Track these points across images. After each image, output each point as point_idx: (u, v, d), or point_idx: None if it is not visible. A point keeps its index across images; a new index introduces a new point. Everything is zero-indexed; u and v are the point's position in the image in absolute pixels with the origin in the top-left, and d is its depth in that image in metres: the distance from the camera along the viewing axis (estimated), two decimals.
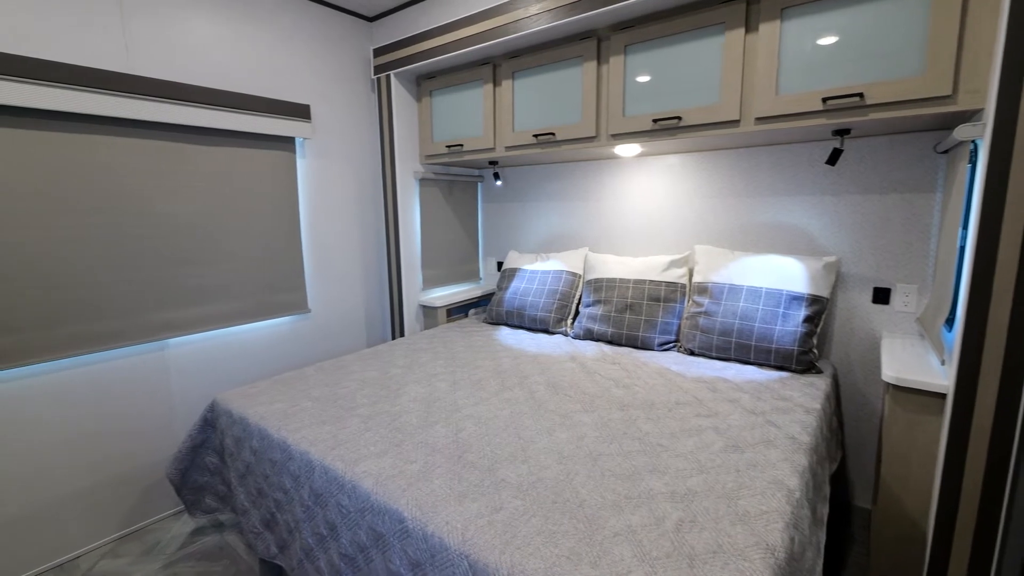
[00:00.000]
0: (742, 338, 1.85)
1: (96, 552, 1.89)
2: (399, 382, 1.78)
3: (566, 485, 1.13)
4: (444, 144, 2.56)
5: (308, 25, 2.45)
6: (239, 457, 1.57)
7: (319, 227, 2.59)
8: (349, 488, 1.19)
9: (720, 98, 1.73)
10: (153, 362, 2.04)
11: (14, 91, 1.59)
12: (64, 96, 1.69)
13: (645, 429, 1.40)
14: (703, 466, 1.20)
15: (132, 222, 1.92)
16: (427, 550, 1.00)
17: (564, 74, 2.10)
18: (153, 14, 1.94)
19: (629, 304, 2.15)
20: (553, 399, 1.61)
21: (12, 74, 1.58)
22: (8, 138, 1.63)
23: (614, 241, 2.56)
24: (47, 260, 1.73)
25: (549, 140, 2.17)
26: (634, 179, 2.45)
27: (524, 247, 2.95)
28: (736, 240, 2.19)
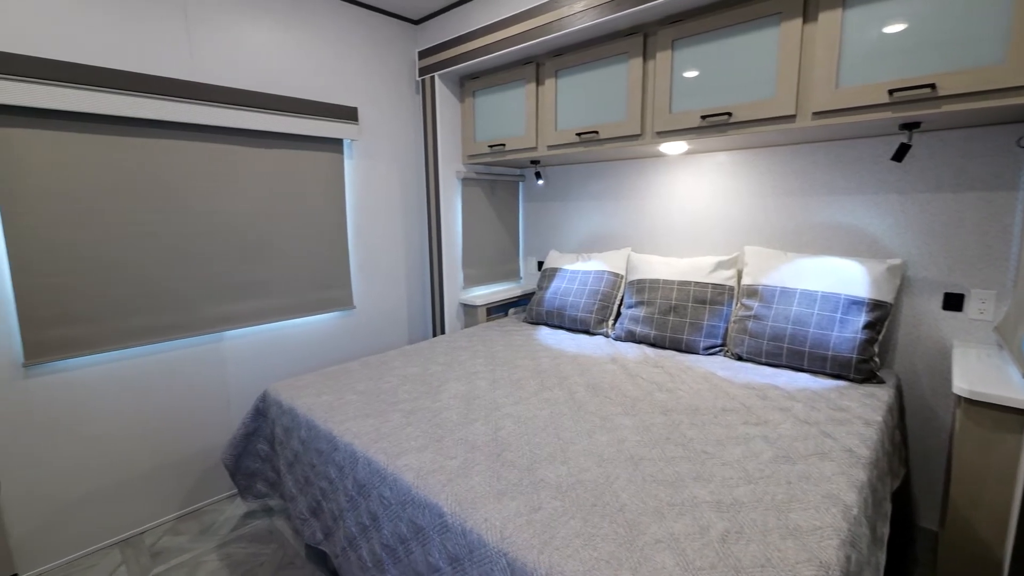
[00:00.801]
0: (795, 344, 1.76)
1: (159, 529, 2.02)
2: (440, 379, 1.81)
3: (606, 488, 1.11)
4: (486, 144, 2.58)
5: (357, 30, 2.52)
6: (288, 446, 1.63)
7: (364, 226, 2.66)
8: (391, 480, 1.21)
9: (775, 92, 1.65)
10: (211, 353, 2.15)
11: (92, 99, 1.72)
12: (135, 103, 1.81)
13: (689, 435, 1.35)
14: (751, 476, 1.15)
15: (194, 220, 2.04)
16: (466, 545, 1.01)
17: (608, 71, 2.06)
18: (214, 23, 2.05)
19: (673, 306, 2.10)
20: (593, 401, 1.59)
21: (91, 84, 1.71)
22: (88, 143, 1.77)
23: (658, 241, 2.50)
24: (119, 256, 1.86)
25: (592, 139, 2.14)
26: (680, 177, 2.39)
27: (565, 247, 2.93)
28: (789, 241, 2.09)
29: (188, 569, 1.78)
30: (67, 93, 1.67)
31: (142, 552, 1.88)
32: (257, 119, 2.12)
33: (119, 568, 1.80)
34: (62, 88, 1.66)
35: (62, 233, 1.73)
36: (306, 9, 2.32)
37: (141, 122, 1.87)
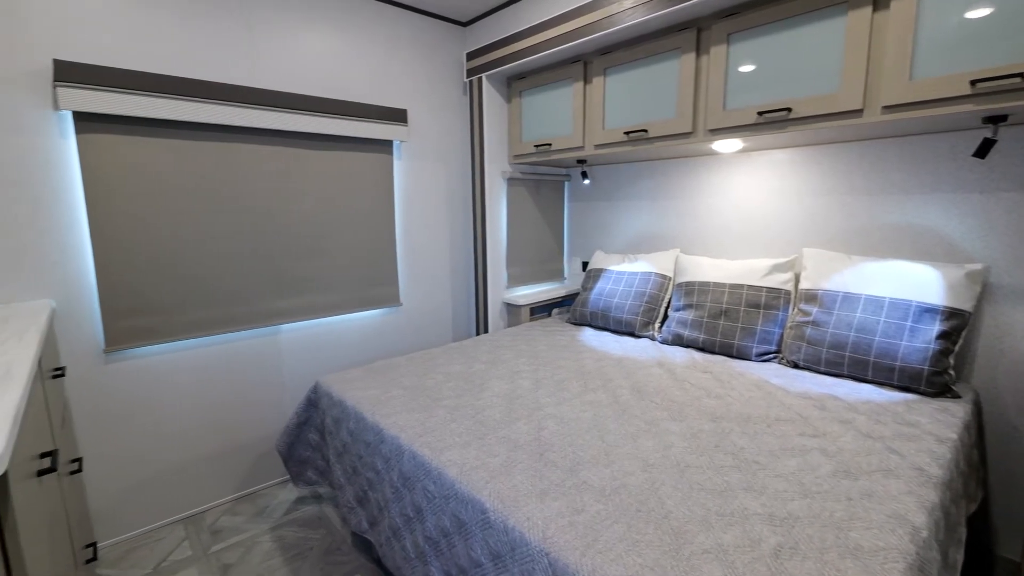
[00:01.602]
0: (858, 352, 1.66)
1: (218, 508, 2.15)
2: (483, 377, 1.82)
3: (651, 494, 1.09)
4: (532, 144, 2.58)
5: (407, 33, 2.59)
6: (337, 436, 1.69)
7: (411, 225, 2.72)
8: (435, 474, 1.23)
9: (840, 86, 1.56)
10: (268, 345, 2.27)
11: (165, 106, 1.85)
12: (204, 109, 1.93)
13: (739, 444, 1.30)
14: (807, 490, 1.09)
15: (257, 220, 2.15)
16: (507, 543, 1.01)
17: (659, 68, 2.02)
18: (274, 33, 2.15)
19: (724, 310, 2.02)
20: (638, 404, 1.55)
21: (164, 92, 1.84)
22: (161, 147, 1.90)
23: (708, 243, 2.42)
24: (187, 252, 1.99)
25: (641, 137, 2.10)
26: (733, 176, 2.30)
27: (611, 247, 2.88)
28: (853, 243, 1.96)
29: (244, 548, 1.88)
30: (143, 101, 1.80)
31: (203, 530, 2.00)
32: (313, 122, 2.22)
33: (182, 543, 1.92)
34: (139, 96, 1.79)
35: (137, 231, 1.87)
36: (359, 15, 2.40)
37: (209, 127, 2.00)
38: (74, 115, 1.72)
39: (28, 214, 1.68)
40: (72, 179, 1.75)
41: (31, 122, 1.67)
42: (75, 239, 1.77)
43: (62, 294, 1.76)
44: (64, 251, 1.75)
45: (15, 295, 1.68)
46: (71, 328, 1.79)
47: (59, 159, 1.72)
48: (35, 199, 1.69)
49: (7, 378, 0.92)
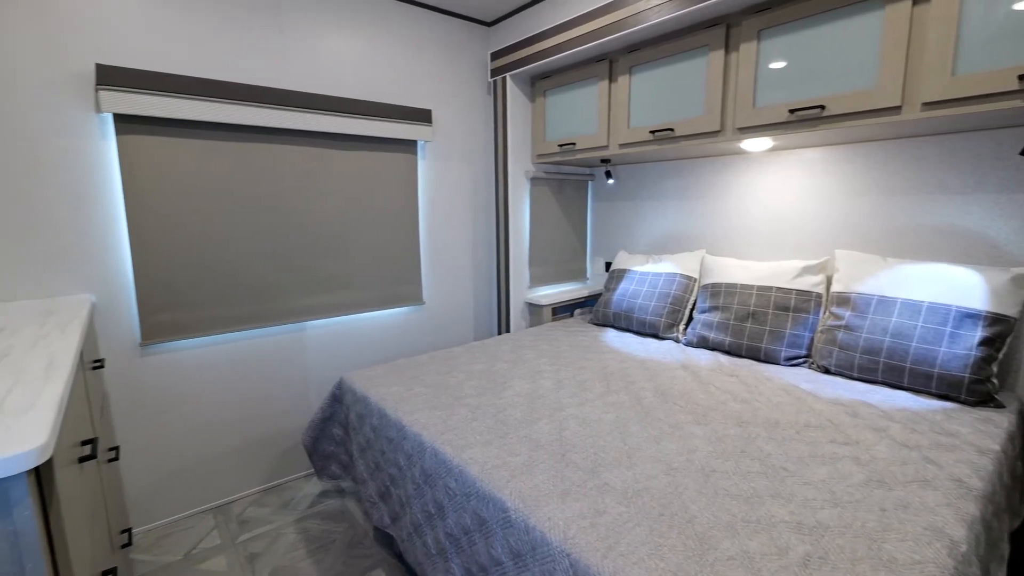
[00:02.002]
0: (893, 359, 1.60)
1: (245, 500, 2.20)
2: (504, 376, 1.82)
3: (674, 498, 1.07)
4: (556, 143, 2.57)
5: (432, 34, 2.61)
6: (361, 432, 1.72)
7: (435, 225, 2.74)
8: (456, 472, 1.24)
9: (877, 82, 1.51)
10: (294, 341, 2.32)
11: (199, 108, 1.90)
12: (236, 111, 1.98)
13: (767, 450, 1.27)
14: (837, 498, 1.06)
15: (283, 218, 2.20)
16: (528, 542, 1.01)
17: (686, 66, 1.98)
18: (304, 35, 2.20)
19: (751, 312, 1.98)
20: (661, 407, 1.53)
21: (199, 94, 1.89)
22: (194, 148, 1.96)
23: (736, 244, 2.37)
24: (218, 250, 2.05)
25: (667, 136, 2.07)
26: (762, 176, 2.25)
27: (635, 247, 2.85)
28: (889, 245, 1.90)
29: (270, 539, 1.93)
30: (179, 103, 1.86)
31: (231, 519, 2.06)
32: (339, 123, 2.26)
33: (212, 532, 1.98)
34: (175, 99, 1.85)
35: (172, 229, 1.94)
36: (387, 17, 2.43)
37: (240, 128, 2.05)
38: (114, 117, 1.79)
39: (71, 212, 1.75)
40: (112, 179, 1.82)
41: (75, 124, 1.74)
42: (114, 237, 1.84)
43: (102, 289, 1.84)
44: (104, 248, 1.83)
45: (58, 289, 1.76)
46: (109, 322, 1.86)
47: (100, 160, 1.79)
48: (78, 198, 1.76)
49: (52, 369, 0.96)
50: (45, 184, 1.70)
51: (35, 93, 1.66)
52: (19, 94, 1.64)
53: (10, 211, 1.65)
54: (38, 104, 1.67)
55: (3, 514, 0.65)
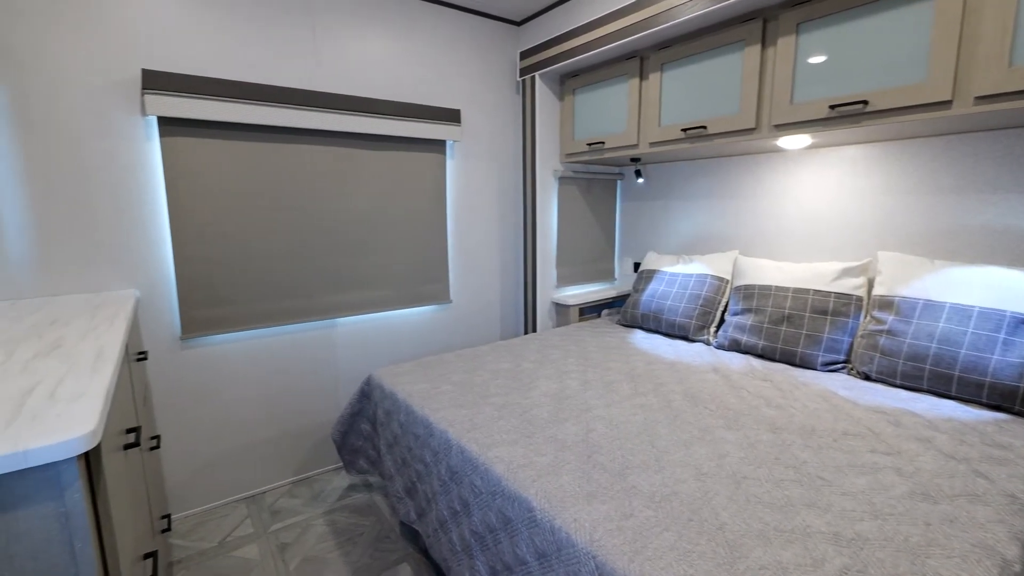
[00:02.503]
0: (940, 366, 1.52)
1: (278, 490, 2.27)
2: (531, 376, 1.82)
3: (704, 504, 1.04)
4: (585, 142, 2.55)
5: (462, 34, 2.62)
6: (388, 428, 1.74)
7: (462, 224, 2.76)
8: (482, 470, 1.24)
9: (926, 75, 1.44)
10: (324, 338, 2.37)
11: (237, 110, 1.97)
12: (271, 112, 2.04)
13: (802, 457, 1.23)
14: (878, 510, 1.01)
15: (315, 217, 2.25)
16: (554, 543, 1.00)
17: (720, 62, 1.94)
18: (336, 37, 2.24)
19: (787, 315, 1.91)
20: (691, 411, 1.50)
21: (236, 97, 1.96)
22: (231, 149, 2.02)
23: (771, 244, 2.30)
24: (254, 247, 2.11)
25: (700, 135, 2.02)
26: (799, 174, 2.17)
27: (664, 248, 2.80)
28: (936, 247, 1.81)
29: (300, 530, 1.98)
30: (218, 106, 1.92)
31: (264, 509, 2.12)
32: (371, 123, 2.29)
33: (245, 520, 2.04)
34: (215, 102, 1.91)
35: (210, 227, 2.01)
36: (418, 18, 2.46)
37: (275, 129, 2.11)
38: (158, 120, 1.86)
39: (118, 212, 1.84)
40: (155, 179, 1.90)
41: (122, 127, 1.82)
42: (157, 234, 1.92)
43: (145, 284, 1.92)
44: (147, 246, 1.91)
45: (105, 284, 1.84)
46: (152, 316, 1.94)
47: (145, 161, 1.87)
48: (124, 198, 1.85)
49: (100, 360, 1.01)
50: (94, 184, 1.79)
51: (86, 97, 1.75)
52: (71, 99, 1.73)
53: (62, 210, 1.75)
54: (88, 108, 1.76)
55: (55, 496, 0.69)
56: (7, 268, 1.68)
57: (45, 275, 1.74)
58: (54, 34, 1.68)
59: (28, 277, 1.71)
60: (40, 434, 0.68)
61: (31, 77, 1.66)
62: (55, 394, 0.82)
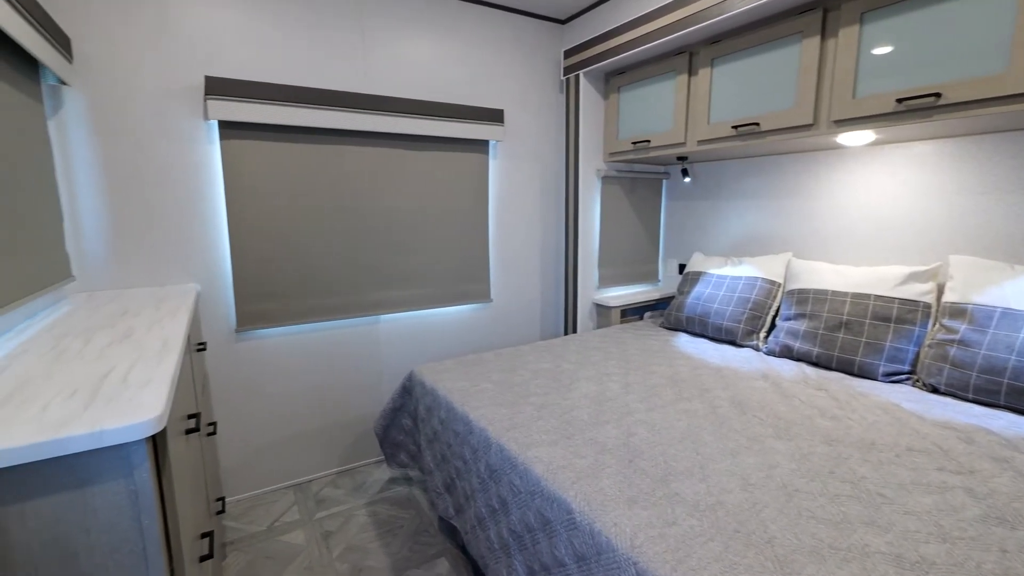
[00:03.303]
0: (1020, 380, 1.40)
1: (322, 480, 2.35)
2: (571, 377, 1.80)
3: (752, 515, 1.00)
4: (630, 141, 2.50)
5: (507, 34, 2.63)
6: (428, 424, 1.77)
7: (504, 223, 2.77)
8: (521, 470, 1.24)
9: (1008, 65, 1.32)
10: (368, 333, 2.43)
11: (290, 113, 2.05)
12: (321, 115, 2.11)
13: (860, 472, 1.16)
14: (946, 533, 0.94)
15: (362, 216, 2.32)
16: (593, 546, 0.99)
17: (775, 56, 1.85)
18: (384, 40, 2.30)
19: (844, 322, 1.81)
20: (738, 418, 1.44)
21: (289, 100, 2.04)
22: (283, 150, 2.11)
23: (828, 246, 2.18)
24: (304, 245, 2.20)
25: (752, 132, 1.95)
26: (859, 172, 2.05)
27: (711, 249, 2.71)
28: (1018, 251, 1.66)
29: (343, 519, 2.04)
30: (274, 110, 2.01)
31: (309, 497, 2.20)
32: (416, 124, 2.34)
33: (292, 507, 2.13)
34: (270, 106, 2.00)
35: (264, 226, 2.10)
36: (463, 19, 2.49)
37: (323, 131, 2.18)
38: (219, 124, 1.97)
39: (181, 211, 1.96)
40: (215, 180, 2.01)
41: (187, 131, 1.94)
42: (216, 232, 2.03)
43: (205, 279, 2.03)
44: (207, 243, 2.02)
45: (169, 279, 1.97)
46: (210, 309, 2.06)
47: (206, 163, 1.98)
48: (187, 197, 1.96)
49: (165, 349, 1.07)
50: (162, 186, 1.91)
51: (155, 104, 1.87)
52: (142, 105, 1.85)
53: (134, 210, 1.87)
54: (157, 114, 1.88)
55: (126, 474, 0.74)
56: (86, 262, 1.82)
57: (118, 269, 1.87)
58: (127, 45, 1.80)
59: (104, 271, 1.85)
60: (114, 416, 0.73)
61: (107, 85, 1.79)
62: (127, 379, 0.88)
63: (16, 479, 0.68)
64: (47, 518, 0.70)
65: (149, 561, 0.77)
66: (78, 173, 1.77)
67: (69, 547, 0.72)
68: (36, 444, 0.67)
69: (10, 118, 1.36)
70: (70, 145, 1.75)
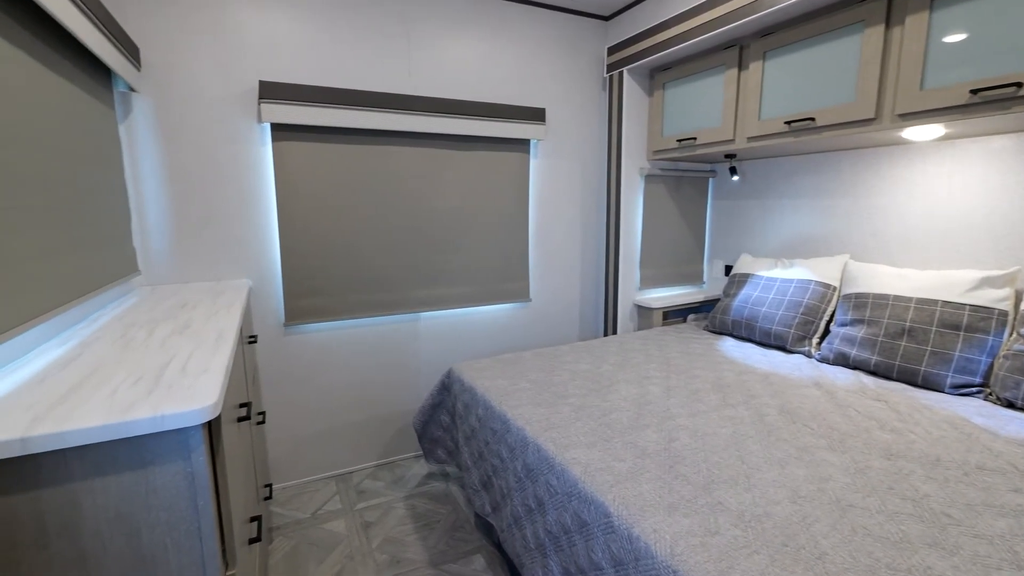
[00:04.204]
0: None
1: (362, 472, 2.41)
2: (610, 379, 1.78)
3: (801, 529, 0.95)
4: (675, 138, 2.44)
5: (549, 32, 2.62)
6: (466, 421, 1.79)
7: (544, 223, 2.76)
8: (559, 470, 1.23)
9: None
10: (409, 330, 2.48)
11: (339, 115, 2.11)
12: (369, 117, 2.16)
13: (923, 490, 1.08)
14: (1022, 561, 0.87)
15: (405, 215, 2.36)
16: (631, 552, 0.97)
17: (834, 47, 1.76)
18: (429, 43, 2.33)
19: (907, 329, 1.70)
20: (787, 427, 1.38)
21: (338, 103, 2.10)
22: (330, 151, 2.18)
23: (889, 248, 2.05)
24: (349, 243, 2.26)
25: (806, 127, 1.85)
26: (926, 169, 1.92)
27: (760, 250, 2.61)
28: None
29: (383, 510, 2.09)
30: (323, 112, 2.08)
31: (351, 488, 2.27)
32: (459, 124, 2.36)
33: (334, 497, 2.20)
34: (319, 108, 2.07)
35: (311, 225, 2.18)
36: (506, 19, 2.49)
37: (369, 132, 2.24)
38: (271, 126, 2.06)
39: (236, 210, 2.06)
40: (267, 180, 2.10)
41: (242, 133, 2.03)
42: (267, 230, 2.12)
43: (256, 275, 2.13)
44: (259, 240, 2.11)
45: (224, 274, 2.07)
46: (261, 303, 2.15)
47: (258, 164, 2.08)
48: (242, 197, 2.06)
49: (220, 341, 1.13)
50: (218, 185, 2.02)
51: (213, 108, 1.97)
52: (201, 109, 1.96)
53: (192, 208, 1.99)
54: (215, 117, 1.98)
55: (184, 457, 0.78)
56: (151, 258, 1.94)
57: (179, 264, 1.99)
58: (189, 53, 1.91)
59: (166, 266, 1.97)
60: (174, 402, 0.78)
61: (170, 90, 1.90)
62: (186, 368, 0.93)
63: (88, 457, 0.73)
64: (114, 495, 0.75)
65: (204, 540, 0.81)
66: (144, 174, 1.89)
67: (133, 523, 0.76)
68: (107, 425, 0.71)
69: (88, 124, 1.47)
70: (137, 148, 1.87)
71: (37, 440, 0.68)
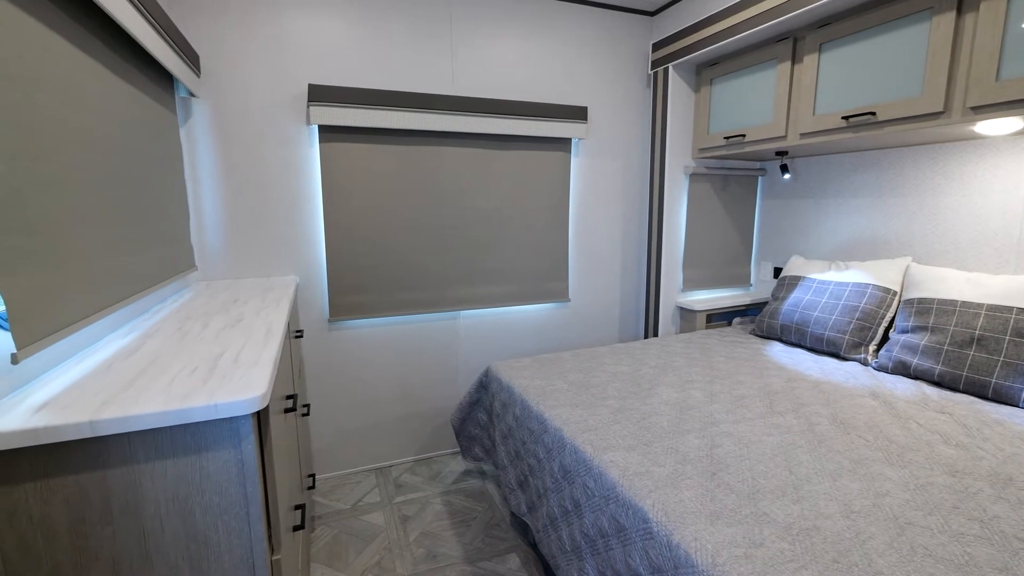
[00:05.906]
0: None
1: (401, 466, 2.46)
2: (650, 382, 1.74)
3: (855, 546, 0.90)
4: (722, 135, 2.36)
5: (592, 30, 2.59)
6: (503, 419, 1.79)
7: (584, 222, 2.73)
8: (596, 473, 1.21)
9: None
10: (448, 328, 2.51)
11: (385, 117, 2.16)
12: (414, 118, 2.20)
13: (992, 510, 1.00)
14: None
15: (447, 214, 2.39)
16: (671, 559, 0.94)
17: (897, 36, 1.65)
18: (471, 43, 2.35)
19: (977, 337, 1.58)
20: (840, 438, 1.31)
21: (385, 104, 2.15)
22: (374, 152, 2.23)
23: (958, 251, 1.91)
24: (392, 241, 2.31)
25: (866, 122, 1.75)
26: (1005, 166, 1.77)
27: (812, 252, 2.48)
28: None
29: (420, 505, 2.13)
30: (368, 114, 2.13)
31: (389, 482, 2.32)
32: (502, 124, 2.37)
33: (373, 489, 2.25)
34: (365, 110, 2.12)
35: (355, 224, 2.24)
36: (550, 18, 2.48)
37: (414, 133, 2.28)
38: (319, 128, 2.13)
39: (286, 209, 2.14)
40: (314, 180, 2.17)
41: (292, 135, 2.11)
42: (313, 229, 2.20)
43: (303, 272, 2.21)
44: (306, 238, 2.19)
45: (273, 270, 2.16)
46: (307, 299, 2.23)
47: (306, 165, 2.15)
48: (291, 196, 2.14)
49: (269, 334, 1.18)
50: (269, 186, 2.11)
51: (266, 111, 2.06)
52: (255, 113, 2.05)
53: (245, 208, 2.08)
54: (268, 120, 2.07)
55: (235, 445, 0.82)
56: (206, 254, 2.05)
57: (232, 261, 2.09)
58: (245, 59, 2.01)
59: (220, 262, 2.07)
60: (227, 392, 0.82)
61: (226, 95, 2.00)
62: (237, 360, 0.98)
63: (149, 441, 0.78)
64: (171, 477, 0.79)
65: (251, 524, 0.84)
66: (201, 175, 2.00)
67: (187, 505, 0.81)
68: (166, 412, 0.76)
69: (153, 127, 1.57)
70: (196, 150, 1.98)
71: (104, 423, 0.73)
